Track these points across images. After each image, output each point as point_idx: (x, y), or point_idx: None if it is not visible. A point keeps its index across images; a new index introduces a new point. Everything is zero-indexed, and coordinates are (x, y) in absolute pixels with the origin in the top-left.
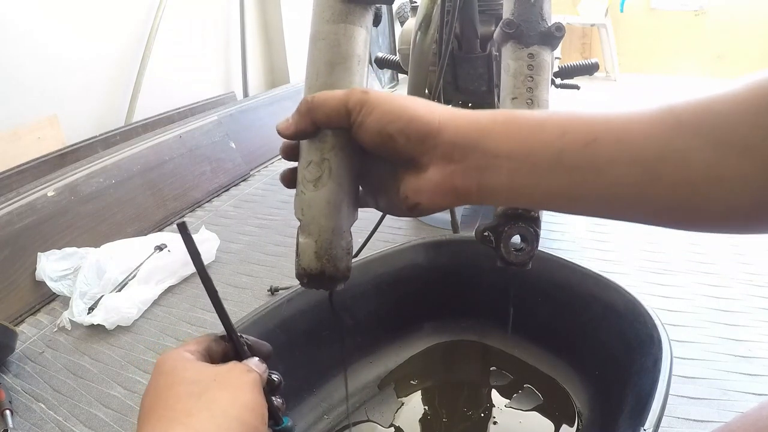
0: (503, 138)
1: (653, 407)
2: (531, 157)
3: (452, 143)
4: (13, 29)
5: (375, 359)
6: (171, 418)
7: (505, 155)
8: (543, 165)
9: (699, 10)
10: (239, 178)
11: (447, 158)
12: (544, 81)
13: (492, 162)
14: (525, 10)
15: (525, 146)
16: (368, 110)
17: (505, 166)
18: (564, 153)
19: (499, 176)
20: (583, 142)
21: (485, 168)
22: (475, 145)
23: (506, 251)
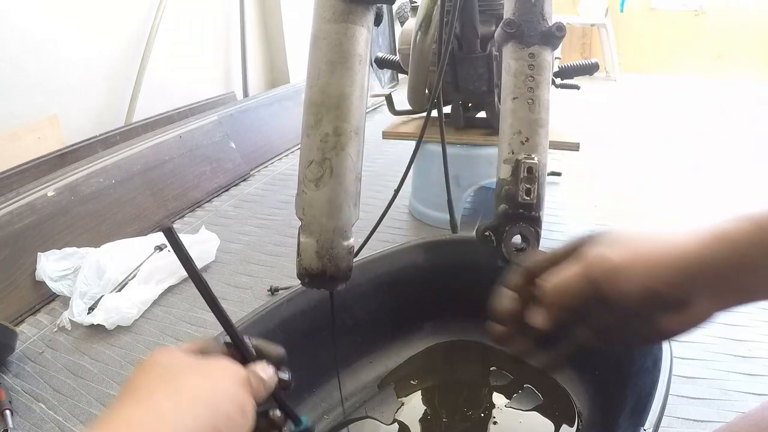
0: (759, 249)
1: (653, 407)
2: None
3: (717, 274)
4: (13, 29)
5: (375, 359)
6: (133, 398)
7: (765, 266)
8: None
9: (699, 10)
10: (239, 178)
11: (713, 288)
12: (545, 81)
13: (753, 275)
14: (526, 10)
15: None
16: (621, 276)
17: (765, 274)
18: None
19: (758, 286)
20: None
21: (746, 284)
22: (739, 266)
23: (507, 251)
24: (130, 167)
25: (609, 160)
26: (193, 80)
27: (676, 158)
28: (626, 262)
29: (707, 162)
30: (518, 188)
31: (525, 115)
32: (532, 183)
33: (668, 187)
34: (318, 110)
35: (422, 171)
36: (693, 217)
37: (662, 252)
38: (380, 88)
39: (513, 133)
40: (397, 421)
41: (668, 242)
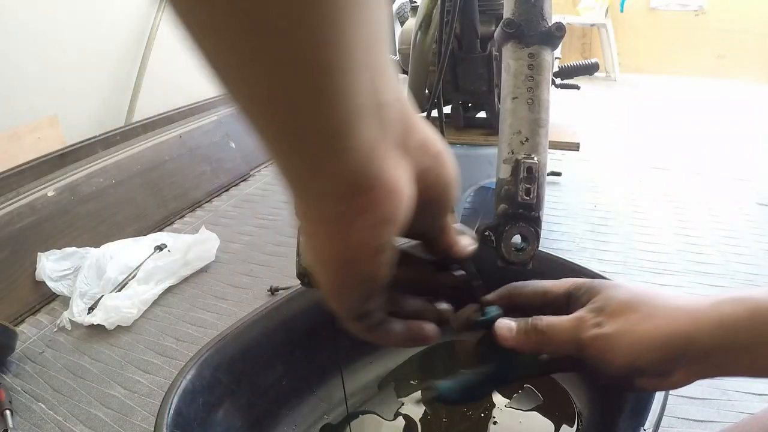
0: (747, 334)
1: (653, 407)
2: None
3: (704, 353)
4: (13, 29)
5: (375, 359)
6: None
7: (747, 350)
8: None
9: (699, 10)
10: (239, 178)
11: (697, 365)
12: (544, 81)
13: (736, 357)
14: (526, 9)
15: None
16: (607, 346)
17: (747, 357)
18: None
19: (739, 366)
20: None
21: (728, 363)
22: (727, 349)
23: (507, 251)
24: (130, 167)
25: (609, 160)
26: (193, 80)
27: (676, 158)
28: (616, 334)
29: (707, 162)
30: (518, 188)
31: (525, 115)
32: (532, 183)
33: (668, 188)
34: None
35: None
36: (693, 218)
37: (654, 327)
38: None
39: (513, 133)
40: (401, 415)
41: (663, 316)
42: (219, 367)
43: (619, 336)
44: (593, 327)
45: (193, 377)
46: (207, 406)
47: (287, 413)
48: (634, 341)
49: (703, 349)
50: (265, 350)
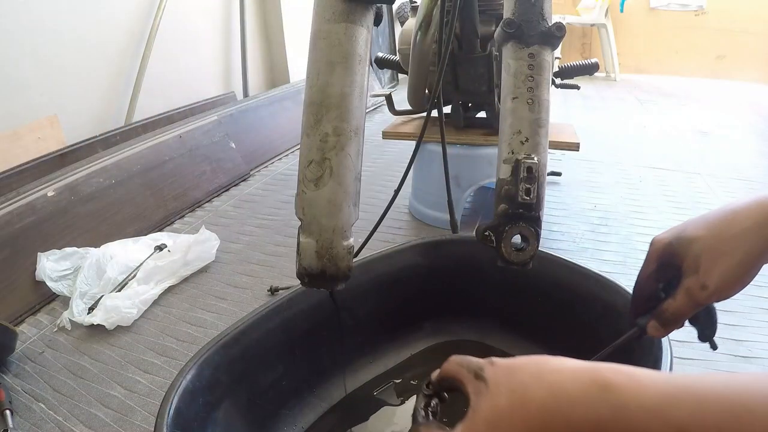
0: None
1: None
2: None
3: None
4: (13, 29)
5: (375, 359)
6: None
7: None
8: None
9: (699, 10)
10: (239, 178)
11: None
12: (544, 81)
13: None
14: (526, 9)
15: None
16: (722, 296)
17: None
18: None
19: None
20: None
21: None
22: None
23: (507, 251)
24: (130, 167)
25: (609, 160)
26: (193, 80)
27: (675, 158)
28: (722, 287)
29: (707, 162)
30: (518, 188)
31: (525, 115)
32: (532, 183)
33: (668, 187)
34: (318, 110)
35: (422, 171)
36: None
37: (744, 254)
38: (380, 88)
39: (513, 133)
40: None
41: (741, 241)
42: (219, 367)
43: (725, 287)
44: (701, 290)
45: (193, 377)
46: (207, 406)
47: (287, 413)
48: (734, 279)
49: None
50: (265, 350)
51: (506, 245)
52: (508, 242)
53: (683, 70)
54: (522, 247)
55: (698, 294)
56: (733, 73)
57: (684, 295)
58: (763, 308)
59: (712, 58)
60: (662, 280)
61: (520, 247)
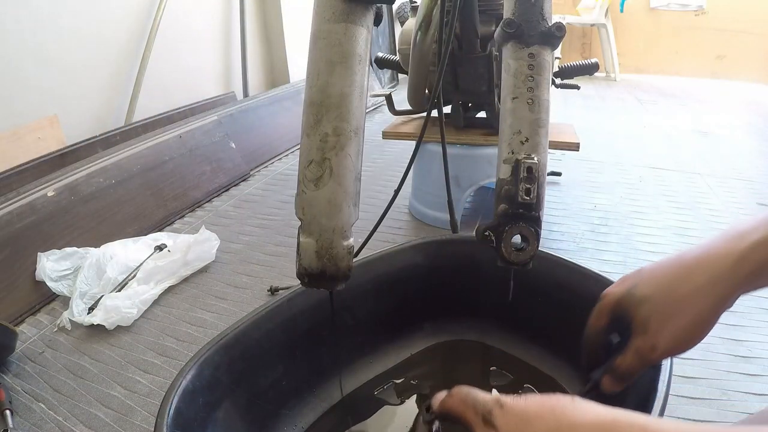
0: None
1: (653, 407)
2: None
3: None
4: (13, 29)
5: (375, 359)
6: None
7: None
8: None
9: (699, 10)
10: (239, 178)
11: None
12: (544, 81)
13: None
14: (526, 9)
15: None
16: (674, 353)
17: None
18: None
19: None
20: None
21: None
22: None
23: (507, 251)
24: (130, 167)
25: (609, 160)
26: (193, 80)
27: (675, 158)
28: (673, 346)
29: (707, 162)
30: (518, 188)
31: (525, 115)
32: (532, 183)
33: (668, 188)
34: (318, 110)
35: (422, 171)
36: (693, 218)
37: (695, 314)
38: (380, 88)
39: (513, 133)
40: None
41: (692, 301)
42: (219, 367)
43: (676, 346)
44: (651, 351)
45: (193, 377)
46: (207, 406)
47: (287, 413)
48: (685, 339)
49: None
50: (265, 350)
51: (506, 245)
52: (508, 242)
53: (683, 70)
54: (522, 247)
55: (648, 354)
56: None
57: (634, 355)
58: (763, 308)
59: (712, 58)
60: (614, 332)
61: (520, 247)
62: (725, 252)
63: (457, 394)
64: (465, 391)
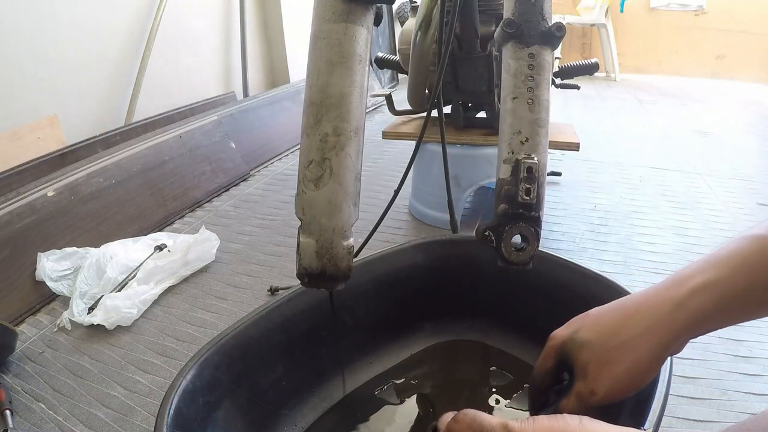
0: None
1: (653, 407)
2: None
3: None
4: (13, 29)
5: (375, 359)
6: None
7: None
8: None
9: (699, 10)
10: (239, 178)
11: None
12: (544, 81)
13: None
14: (526, 9)
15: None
16: (615, 398)
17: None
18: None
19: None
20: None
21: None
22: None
23: (507, 251)
24: (130, 167)
25: (609, 160)
26: (193, 80)
27: (675, 158)
28: (613, 392)
29: (707, 162)
30: (518, 188)
31: (525, 115)
32: (532, 183)
33: (668, 187)
34: (317, 110)
35: (422, 171)
36: (693, 218)
37: (633, 363)
38: (380, 88)
39: (513, 133)
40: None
41: (632, 349)
42: (219, 367)
43: (615, 392)
44: (590, 396)
45: (193, 377)
46: (207, 406)
47: (287, 413)
48: (624, 385)
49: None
50: (265, 350)
51: (506, 245)
52: (508, 242)
53: (683, 70)
54: (522, 247)
55: (588, 399)
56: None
57: (576, 399)
58: None
59: (712, 58)
60: (561, 373)
61: (520, 247)
62: (664, 299)
63: (463, 420)
64: (471, 416)
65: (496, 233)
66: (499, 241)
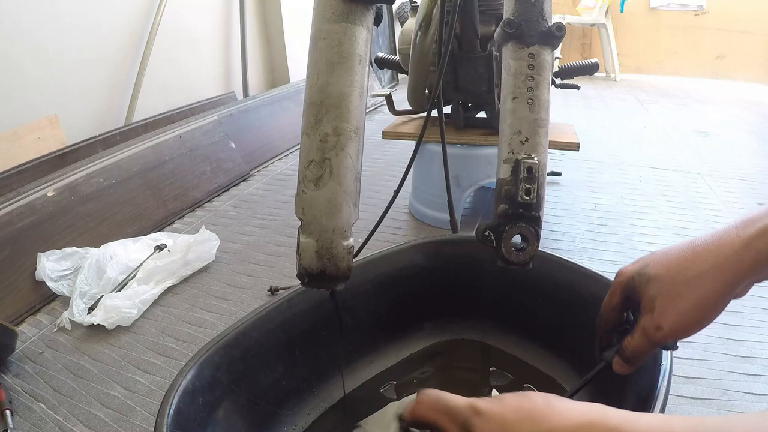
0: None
1: (653, 407)
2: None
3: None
4: (13, 29)
5: (375, 359)
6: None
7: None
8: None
9: (699, 10)
10: (239, 178)
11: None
12: (544, 81)
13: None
14: (526, 9)
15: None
16: (680, 334)
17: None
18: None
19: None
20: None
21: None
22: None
23: (507, 251)
24: (130, 167)
25: (609, 160)
26: (193, 80)
27: (675, 158)
28: (676, 329)
29: (707, 162)
30: (518, 188)
31: (525, 115)
32: (532, 183)
33: (668, 188)
34: (317, 110)
35: (422, 171)
36: (693, 218)
37: (700, 298)
38: (380, 88)
39: (513, 133)
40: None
41: (698, 284)
42: (219, 367)
43: (680, 328)
44: (656, 330)
45: (193, 377)
46: (207, 406)
47: (287, 413)
48: (690, 321)
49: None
50: (265, 350)
51: (506, 245)
52: (508, 242)
53: (683, 70)
54: (522, 247)
55: (654, 334)
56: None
57: (641, 334)
58: (763, 308)
59: (712, 58)
60: (627, 311)
61: (520, 247)
62: (733, 238)
63: (427, 401)
64: (434, 397)
65: (496, 233)
66: (499, 241)
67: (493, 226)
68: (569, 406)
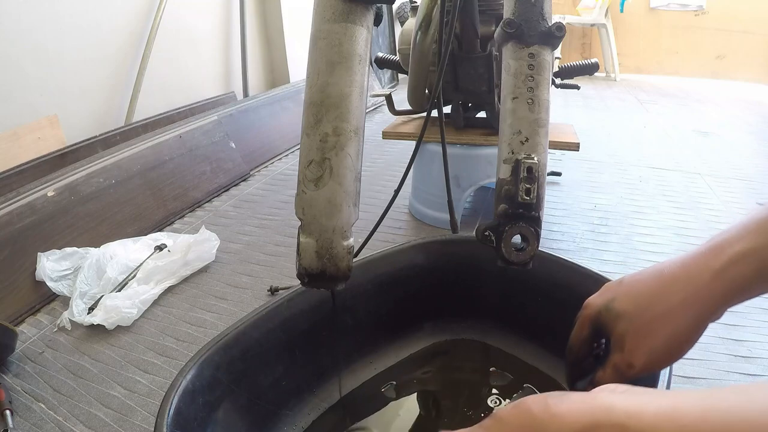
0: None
1: None
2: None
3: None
4: (13, 29)
5: (375, 359)
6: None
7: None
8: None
9: (699, 10)
10: (239, 178)
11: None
12: (544, 80)
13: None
14: (526, 9)
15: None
16: (654, 369)
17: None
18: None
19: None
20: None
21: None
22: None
23: (507, 251)
24: (130, 167)
25: (609, 160)
26: (193, 80)
27: (675, 158)
28: (650, 365)
29: (707, 162)
30: (518, 188)
31: (525, 115)
32: (532, 183)
33: (668, 188)
34: (317, 110)
35: (422, 171)
36: (693, 218)
37: (671, 333)
38: (380, 88)
39: (513, 133)
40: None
41: (670, 318)
42: (219, 367)
43: (653, 364)
44: (628, 368)
45: (193, 377)
46: (207, 406)
47: (287, 413)
48: (662, 357)
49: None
50: (265, 350)
51: (506, 245)
52: (508, 242)
53: (683, 70)
54: (522, 247)
55: (626, 372)
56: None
57: (613, 371)
58: (763, 308)
59: (712, 58)
60: (597, 341)
61: (520, 247)
62: (702, 268)
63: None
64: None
65: (496, 233)
66: (499, 241)
67: (493, 226)
68: (570, 406)
